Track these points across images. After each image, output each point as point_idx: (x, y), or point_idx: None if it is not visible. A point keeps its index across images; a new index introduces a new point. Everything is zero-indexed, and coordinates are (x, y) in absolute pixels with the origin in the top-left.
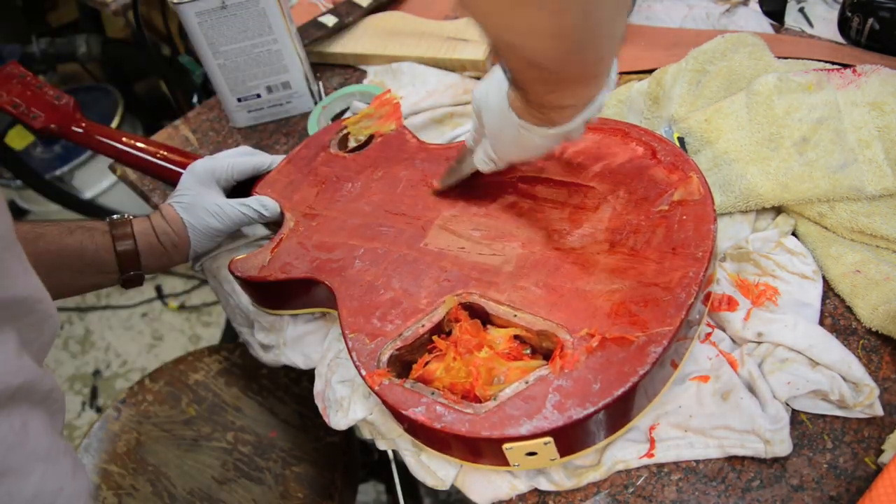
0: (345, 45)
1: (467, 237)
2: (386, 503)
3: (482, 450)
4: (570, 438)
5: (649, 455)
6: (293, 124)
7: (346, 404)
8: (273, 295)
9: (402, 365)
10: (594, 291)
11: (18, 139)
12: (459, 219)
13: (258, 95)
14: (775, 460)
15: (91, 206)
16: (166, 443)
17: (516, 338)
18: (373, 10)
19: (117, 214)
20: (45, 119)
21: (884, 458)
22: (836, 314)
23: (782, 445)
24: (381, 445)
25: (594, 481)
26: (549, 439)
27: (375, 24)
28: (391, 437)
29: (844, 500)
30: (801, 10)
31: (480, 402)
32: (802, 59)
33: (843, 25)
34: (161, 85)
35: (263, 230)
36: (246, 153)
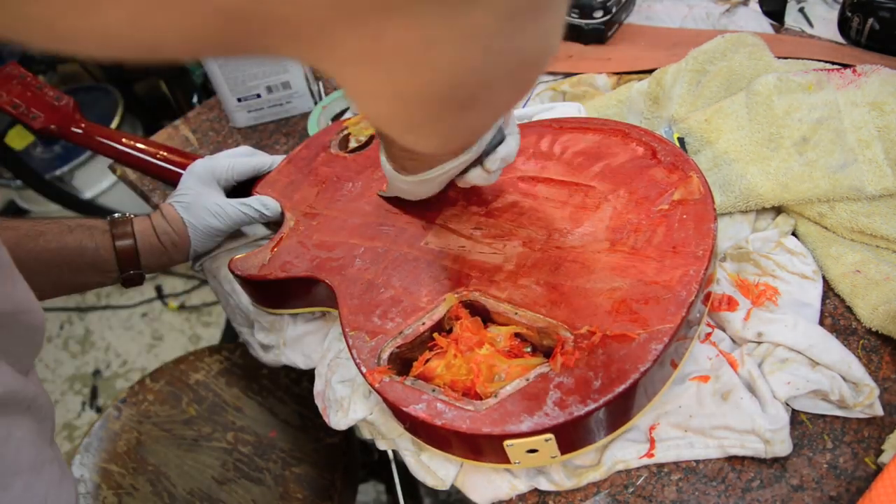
0: None
1: (468, 236)
2: (386, 503)
3: (483, 447)
4: (571, 435)
5: (649, 455)
6: (293, 124)
7: (347, 404)
8: (273, 294)
9: (403, 363)
10: (595, 289)
11: (18, 139)
12: (460, 218)
13: (258, 95)
14: (775, 460)
15: (91, 206)
16: (166, 442)
17: (517, 335)
18: None
19: (118, 214)
20: (45, 119)
21: (884, 458)
22: (836, 314)
23: (782, 445)
24: (381, 445)
25: (594, 481)
26: (550, 436)
27: None
28: (391, 437)
29: (844, 500)
30: (801, 10)
31: (481, 400)
32: (802, 59)
33: (843, 25)
34: (161, 85)
35: (264, 230)
36: (246, 153)
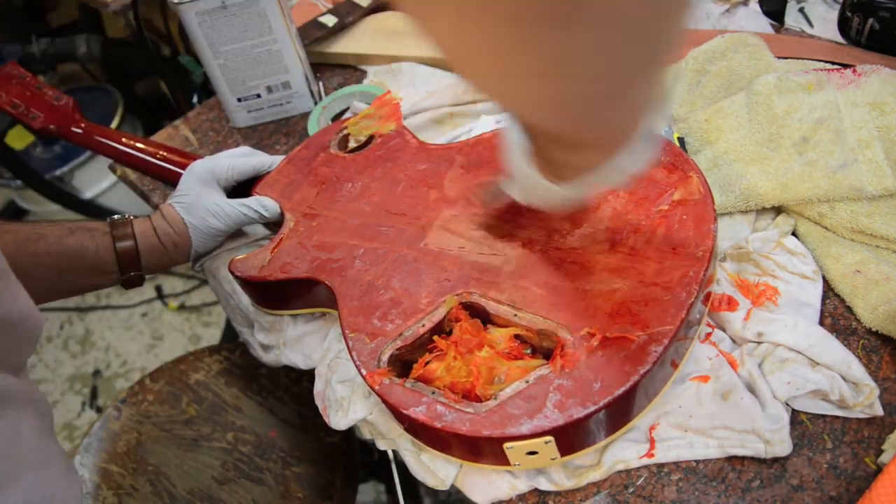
0: (345, 45)
1: (468, 237)
2: (386, 503)
3: (483, 449)
4: (571, 437)
5: (649, 455)
6: (293, 124)
7: (346, 404)
8: (273, 295)
9: (403, 364)
10: (595, 291)
11: (18, 139)
12: (460, 219)
13: (258, 95)
14: (775, 460)
15: (91, 206)
16: (166, 442)
17: (517, 337)
18: (373, 10)
19: (118, 214)
20: (45, 119)
21: (884, 458)
22: (836, 314)
23: (782, 445)
24: (381, 445)
25: (594, 481)
26: (550, 438)
27: (375, 24)
28: (391, 437)
29: (844, 500)
30: (801, 10)
31: (481, 402)
32: (802, 59)
33: (843, 25)
34: (161, 85)
35: (264, 230)
36: (246, 153)
